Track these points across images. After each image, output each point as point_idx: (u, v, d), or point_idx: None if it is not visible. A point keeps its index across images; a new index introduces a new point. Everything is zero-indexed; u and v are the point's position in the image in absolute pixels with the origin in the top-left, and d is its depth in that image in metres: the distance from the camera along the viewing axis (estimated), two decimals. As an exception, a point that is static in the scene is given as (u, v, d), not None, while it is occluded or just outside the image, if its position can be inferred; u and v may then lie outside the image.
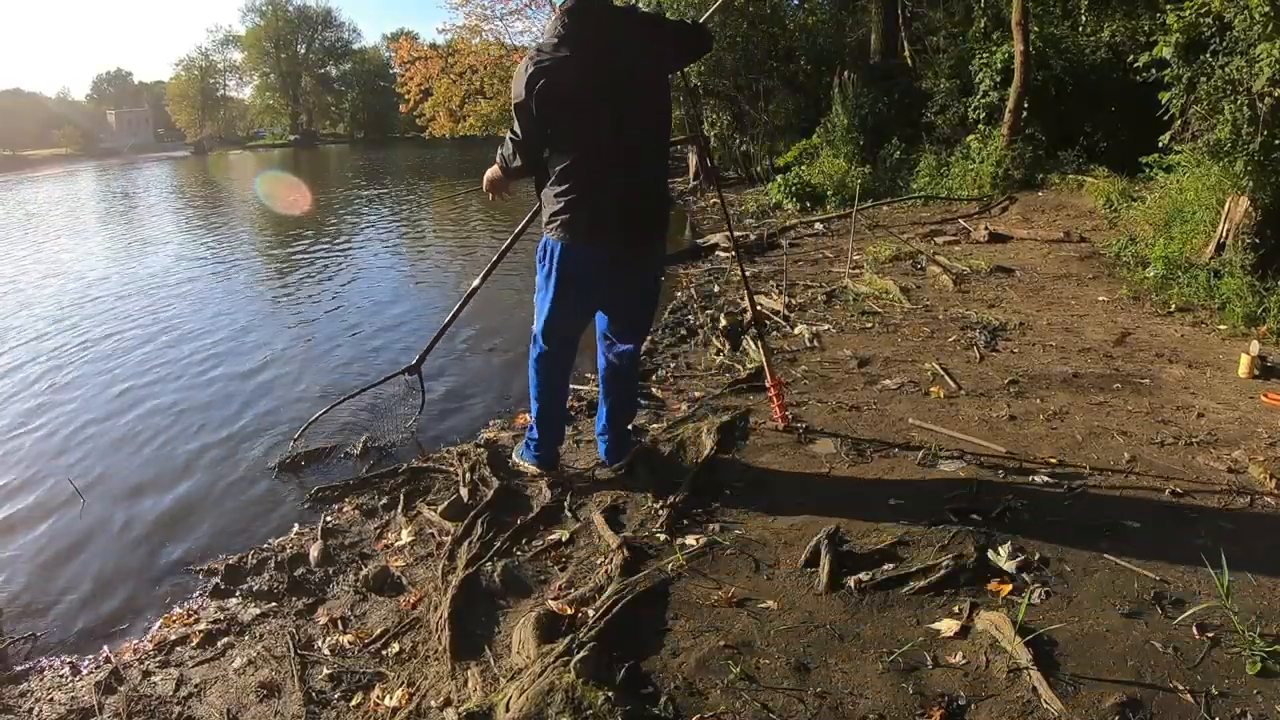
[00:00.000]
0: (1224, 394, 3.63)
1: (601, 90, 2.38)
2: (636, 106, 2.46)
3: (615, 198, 2.49)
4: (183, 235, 12.66)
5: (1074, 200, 8.84)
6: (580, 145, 2.45)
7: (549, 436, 3.05)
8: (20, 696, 2.23)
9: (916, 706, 1.82)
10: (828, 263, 7.07)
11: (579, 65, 2.35)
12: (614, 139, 2.44)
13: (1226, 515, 2.55)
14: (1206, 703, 1.77)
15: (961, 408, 3.55)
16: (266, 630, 2.43)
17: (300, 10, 59.58)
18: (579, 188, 2.48)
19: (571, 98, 2.37)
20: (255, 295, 7.79)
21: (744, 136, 13.63)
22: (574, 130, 2.43)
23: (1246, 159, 5.04)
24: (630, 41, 2.44)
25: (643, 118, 2.49)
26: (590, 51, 2.36)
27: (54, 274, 9.14)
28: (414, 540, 2.84)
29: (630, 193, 2.51)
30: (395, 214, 14.99)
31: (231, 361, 5.42)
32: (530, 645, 2.07)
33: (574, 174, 2.47)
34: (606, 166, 2.47)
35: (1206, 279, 5.06)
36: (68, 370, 5.38)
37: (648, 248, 2.69)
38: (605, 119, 2.41)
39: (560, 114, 2.39)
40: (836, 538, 2.42)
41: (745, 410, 3.62)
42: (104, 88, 72.71)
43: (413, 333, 6.01)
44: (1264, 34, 4.85)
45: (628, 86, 2.43)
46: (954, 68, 11.44)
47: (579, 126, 2.42)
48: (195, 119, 58.92)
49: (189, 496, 3.46)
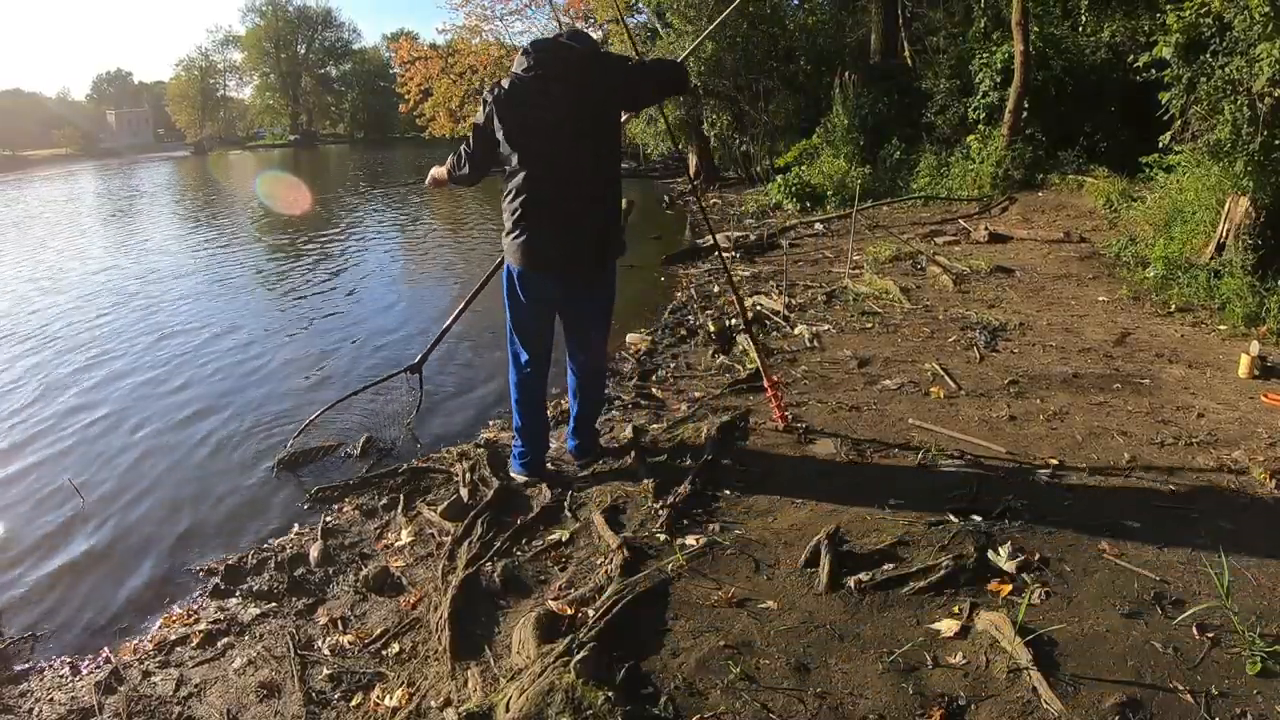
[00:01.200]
0: (1224, 394, 3.63)
1: (559, 122, 2.59)
2: (588, 139, 2.65)
3: (564, 223, 2.69)
4: (183, 235, 12.67)
5: (1074, 200, 8.85)
6: (534, 170, 2.64)
7: (533, 446, 3.12)
8: (20, 696, 2.23)
9: (916, 707, 1.82)
10: (828, 263, 7.07)
11: (538, 97, 2.58)
12: (566, 166, 2.64)
13: (1226, 515, 2.55)
14: (1206, 703, 1.77)
15: (961, 408, 3.55)
16: (266, 630, 2.43)
17: (300, 10, 59.54)
18: (530, 210, 2.68)
19: (529, 126, 2.60)
20: (256, 296, 7.79)
21: (744, 136, 13.63)
22: (529, 155, 2.63)
23: (1246, 159, 5.04)
24: (587, 79, 2.63)
25: (594, 148, 2.68)
26: (549, 85, 2.58)
27: (53, 275, 9.14)
28: (414, 540, 2.84)
29: (579, 218, 2.70)
30: (395, 214, 14.99)
31: (232, 362, 5.42)
32: (530, 645, 2.07)
33: (526, 193, 2.67)
34: (557, 192, 2.67)
35: (1206, 279, 5.06)
36: (68, 370, 5.38)
37: (598, 272, 2.86)
38: (559, 148, 2.62)
39: (517, 139, 2.61)
40: (836, 538, 2.42)
41: (745, 410, 3.62)
42: (104, 88, 72.66)
43: (414, 334, 6.01)
44: (1264, 34, 4.85)
45: (582, 120, 2.63)
46: (954, 68, 11.45)
47: (533, 152, 2.63)
48: (195, 119, 58.85)
49: (189, 496, 3.45)
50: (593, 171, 2.70)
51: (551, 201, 2.67)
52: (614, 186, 2.83)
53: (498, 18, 20.84)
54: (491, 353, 5.35)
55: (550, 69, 2.58)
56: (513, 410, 3.09)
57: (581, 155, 2.65)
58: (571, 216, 2.69)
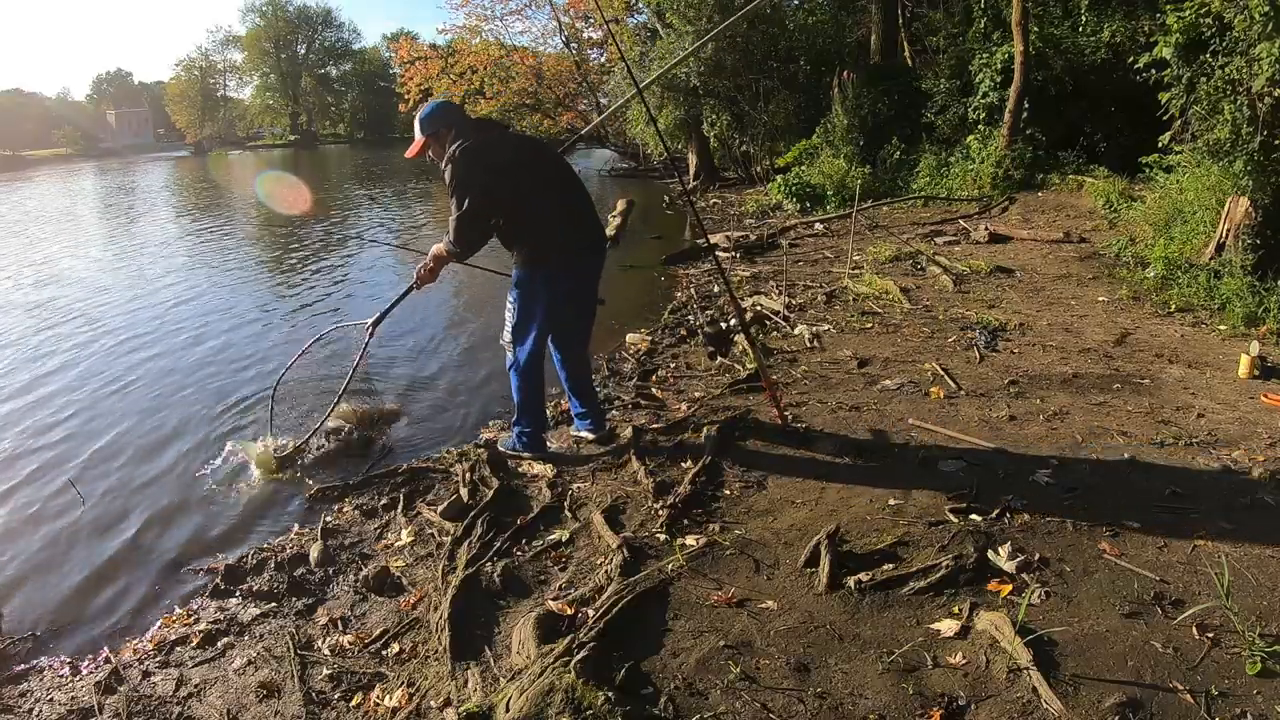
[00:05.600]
0: (1224, 394, 3.63)
1: (524, 161, 3.09)
2: (550, 166, 3.18)
3: (569, 224, 3.13)
4: (184, 236, 12.66)
5: (1074, 201, 8.85)
6: (529, 200, 3.03)
7: (539, 423, 3.40)
8: (20, 696, 2.23)
9: (916, 707, 1.82)
10: (828, 263, 7.08)
11: (501, 147, 3.05)
12: (550, 187, 3.10)
13: (1226, 515, 2.55)
14: (1206, 703, 1.77)
15: (961, 408, 3.55)
16: (266, 630, 2.43)
17: (300, 10, 59.48)
18: (543, 230, 3.06)
19: (508, 168, 3.00)
20: (256, 296, 7.79)
21: (744, 136, 13.63)
22: (520, 194, 3.00)
23: (1246, 159, 5.05)
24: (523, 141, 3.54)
25: (561, 171, 3.19)
26: (501, 140, 3.10)
27: (53, 276, 9.13)
28: (414, 540, 2.84)
29: (577, 216, 3.17)
30: (395, 214, 14.99)
31: (232, 362, 5.42)
32: (530, 645, 2.07)
33: (534, 222, 3.05)
34: (554, 205, 3.09)
35: (1206, 279, 5.06)
36: (67, 371, 5.37)
37: (600, 255, 3.26)
38: (537, 179, 3.08)
39: (504, 182, 2.98)
40: (836, 538, 2.41)
41: (745, 410, 3.61)
42: (104, 88, 72.54)
43: (416, 336, 6.00)
44: (1264, 34, 4.85)
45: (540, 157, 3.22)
46: (954, 68, 11.45)
47: (523, 188, 3.02)
48: (195, 119, 58.73)
49: (189, 497, 3.45)
50: (569, 182, 3.21)
51: (553, 211, 3.13)
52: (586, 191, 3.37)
53: (498, 18, 20.89)
54: (490, 354, 5.35)
55: (494, 134, 3.16)
56: (519, 400, 3.30)
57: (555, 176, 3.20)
58: (573, 214, 3.17)
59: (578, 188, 3.22)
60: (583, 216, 3.20)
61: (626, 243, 9.62)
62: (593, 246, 3.23)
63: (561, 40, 20.72)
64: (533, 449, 3.35)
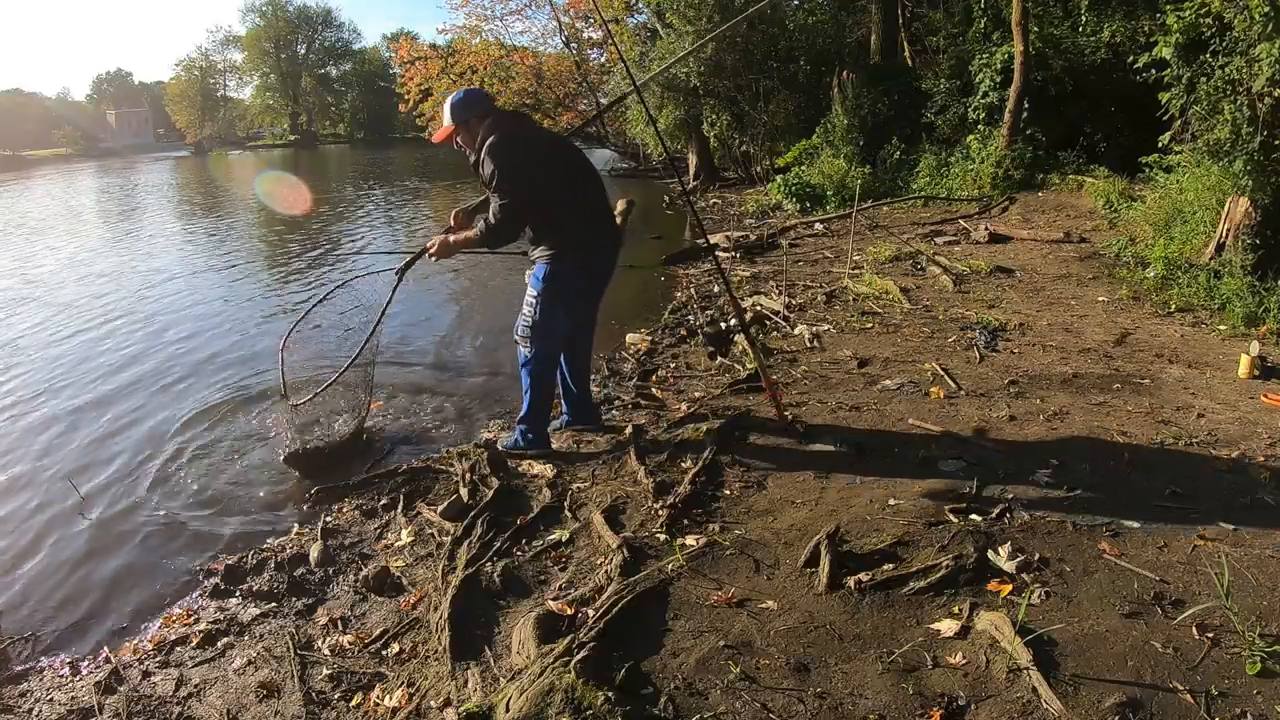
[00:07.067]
0: (1224, 394, 3.63)
1: (554, 155, 3.13)
2: (574, 161, 3.21)
3: (591, 220, 3.15)
4: (184, 236, 12.66)
5: (1074, 201, 8.85)
6: (559, 195, 3.05)
7: (545, 422, 3.42)
8: (20, 696, 2.23)
9: (916, 707, 1.82)
10: (828, 263, 7.07)
11: (536, 140, 3.14)
12: (575, 183, 3.13)
13: (1226, 515, 2.55)
14: (1206, 703, 1.77)
15: (961, 408, 3.55)
16: (266, 630, 2.43)
17: (300, 10, 59.51)
18: (570, 225, 3.08)
19: (544, 161, 3.04)
20: (256, 297, 7.78)
21: (744, 136, 13.62)
22: (551, 188, 3.02)
23: (1246, 159, 5.04)
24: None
25: (584, 166, 3.23)
26: (535, 133, 3.22)
27: (52, 277, 9.14)
28: (414, 540, 2.84)
29: (598, 212, 3.21)
30: (395, 213, 14.98)
31: (233, 363, 5.42)
32: (530, 645, 2.07)
33: (562, 217, 3.06)
34: (579, 200, 3.12)
35: (1206, 279, 5.06)
36: (67, 371, 5.37)
37: (617, 248, 3.32)
38: (566, 174, 3.11)
39: (541, 174, 3.00)
40: (836, 538, 2.41)
41: (745, 410, 3.61)
42: (104, 88, 72.50)
43: (417, 336, 6.00)
44: (1264, 34, 4.85)
45: (564, 151, 3.24)
46: (954, 68, 11.45)
47: (554, 183, 3.05)
48: (195, 119, 58.72)
49: (188, 496, 3.45)
50: (591, 179, 3.27)
51: (577, 205, 3.17)
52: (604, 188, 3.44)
53: (498, 18, 20.90)
54: (490, 354, 5.36)
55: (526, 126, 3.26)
56: (530, 397, 3.31)
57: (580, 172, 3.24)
58: (594, 209, 3.23)
59: (598, 183, 3.24)
60: (604, 213, 3.26)
61: (626, 243, 9.48)
62: (612, 243, 3.28)
63: (561, 40, 20.75)
64: (537, 446, 3.36)
